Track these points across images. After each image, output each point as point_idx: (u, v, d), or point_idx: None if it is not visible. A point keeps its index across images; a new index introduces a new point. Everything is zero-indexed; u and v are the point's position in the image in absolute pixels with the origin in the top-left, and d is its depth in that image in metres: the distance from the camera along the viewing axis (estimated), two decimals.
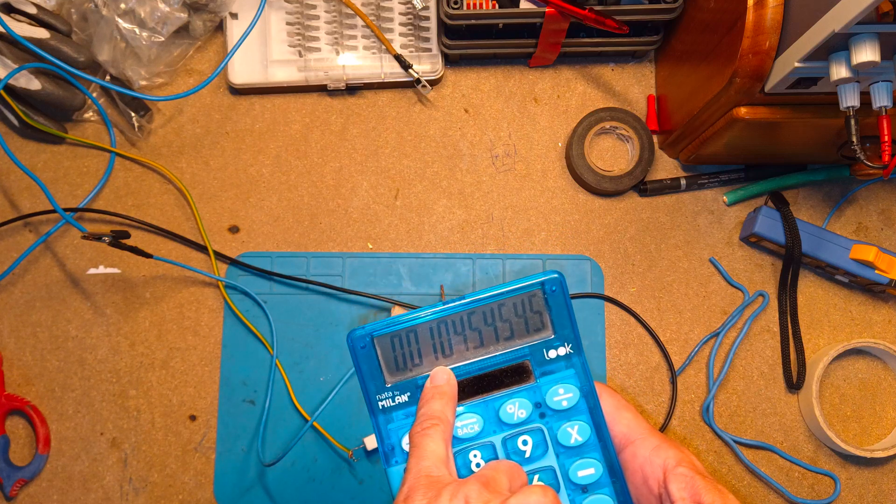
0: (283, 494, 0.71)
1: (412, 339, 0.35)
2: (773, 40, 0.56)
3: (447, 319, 0.35)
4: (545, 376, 0.36)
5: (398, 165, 0.76)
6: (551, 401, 0.36)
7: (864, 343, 0.72)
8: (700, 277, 0.75)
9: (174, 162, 0.76)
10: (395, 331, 0.35)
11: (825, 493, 0.72)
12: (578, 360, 0.36)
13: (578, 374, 0.36)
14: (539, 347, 0.36)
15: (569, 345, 0.36)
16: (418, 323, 0.35)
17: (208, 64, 0.77)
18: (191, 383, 0.72)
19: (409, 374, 0.36)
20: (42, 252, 0.74)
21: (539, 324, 0.36)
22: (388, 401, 0.35)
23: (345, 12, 0.75)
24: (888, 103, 0.53)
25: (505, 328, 0.36)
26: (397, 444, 0.35)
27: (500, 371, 0.36)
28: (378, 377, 0.35)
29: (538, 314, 0.36)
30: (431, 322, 0.35)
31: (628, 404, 0.38)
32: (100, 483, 0.71)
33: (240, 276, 0.74)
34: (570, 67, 0.78)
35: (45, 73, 0.71)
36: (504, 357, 0.36)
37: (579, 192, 0.76)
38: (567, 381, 0.36)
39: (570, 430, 0.36)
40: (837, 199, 0.76)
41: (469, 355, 0.36)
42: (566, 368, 0.36)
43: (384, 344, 0.35)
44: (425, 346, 0.35)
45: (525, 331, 0.36)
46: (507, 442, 0.35)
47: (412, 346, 0.35)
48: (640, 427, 0.37)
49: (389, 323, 0.35)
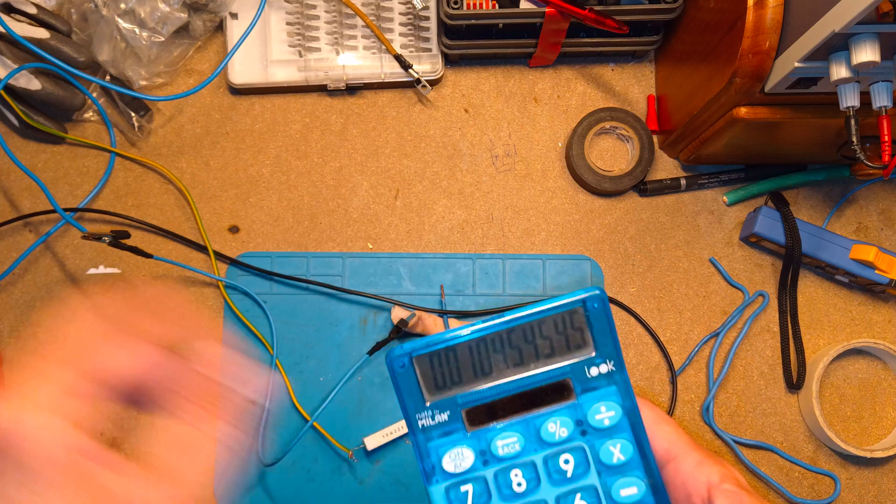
0: (283, 494, 0.71)
1: (451, 357, 0.35)
2: (773, 40, 0.56)
3: (487, 338, 0.35)
4: (586, 394, 0.35)
5: (398, 165, 0.76)
6: (593, 419, 0.35)
7: (864, 343, 0.72)
8: (700, 277, 0.75)
9: (174, 162, 0.76)
10: (435, 350, 0.35)
11: (825, 493, 0.72)
12: (621, 377, 0.35)
13: (621, 391, 0.35)
14: (580, 365, 0.35)
15: (611, 362, 0.35)
16: (458, 342, 0.35)
17: (208, 64, 0.77)
18: None
19: (449, 392, 0.35)
20: (42, 252, 0.74)
21: (580, 341, 0.35)
22: (427, 420, 0.35)
23: (345, 12, 0.75)
24: (888, 103, 0.53)
25: (545, 346, 0.35)
26: (437, 463, 0.35)
27: (540, 389, 0.35)
28: (417, 396, 0.35)
29: (579, 331, 0.35)
30: (471, 341, 0.35)
31: (668, 417, 0.37)
32: None
33: (240, 276, 0.74)
34: (570, 67, 0.78)
35: (45, 73, 0.71)
36: (545, 375, 0.35)
37: (579, 192, 0.76)
38: (609, 399, 0.35)
39: (613, 449, 0.35)
40: (837, 199, 0.76)
41: (509, 373, 0.35)
42: (608, 386, 0.35)
43: (423, 363, 0.35)
44: (465, 365, 0.35)
45: (566, 348, 0.35)
46: (549, 461, 0.35)
47: (451, 365, 0.35)
48: (681, 441, 0.36)
49: (429, 343, 0.34)
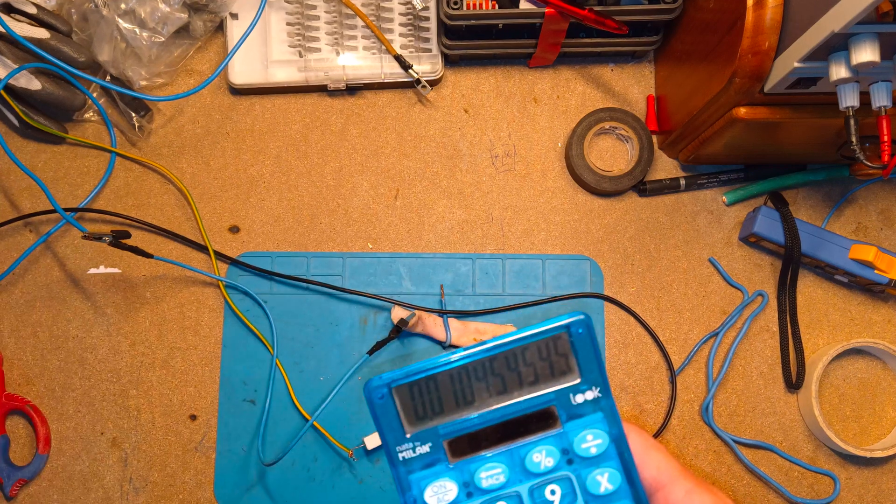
0: (284, 494, 0.71)
1: (432, 387, 0.34)
2: (773, 40, 0.56)
3: (468, 366, 0.34)
4: (572, 421, 0.35)
5: (398, 165, 0.76)
6: (579, 447, 0.34)
7: (863, 343, 0.72)
8: (699, 277, 0.75)
9: (174, 162, 0.76)
10: (415, 380, 0.34)
11: (825, 492, 0.72)
12: (607, 403, 0.34)
13: (607, 417, 0.35)
14: (565, 392, 0.34)
15: (597, 388, 0.34)
16: (438, 371, 0.34)
17: (208, 64, 0.77)
18: (191, 383, 0.73)
19: (430, 423, 0.34)
20: (42, 252, 0.74)
21: (565, 367, 0.34)
22: (408, 451, 0.34)
23: (345, 13, 0.75)
24: (888, 103, 0.53)
25: (529, 373, 0.34)
26: (419, 497, 0.34)
27: (524, 417, 0.34)
28: (397, 428, 0.34)
29: (564, 357, 0.34)
30: (452, 369, 0.34)
31: (657, 444, 0.36)
32: (100, 483, 0.71)
33: (240, 276, 0.74)
34: (570, 67, 0.78)
35: (45, 73, 0.71)
36: (529, 403, 0.34)
37: (579, 192, 0.76)
38: (595, 427, 0.34)
39: (600, 478, 0.34)
40: (837, 199, 0.76)
41: (492, 402, 0.34)
42: (594, 412, 0.34)
43: (402, 393, 0.34)
44: (446, 394, 0.34)
45: (550, 375, 0.34)
46: (535, 492, 0.34)
47: (432, 395, 0.34)
48: (670, 469, 0.35)
49: (408, 372, 0.33)
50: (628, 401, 0.73)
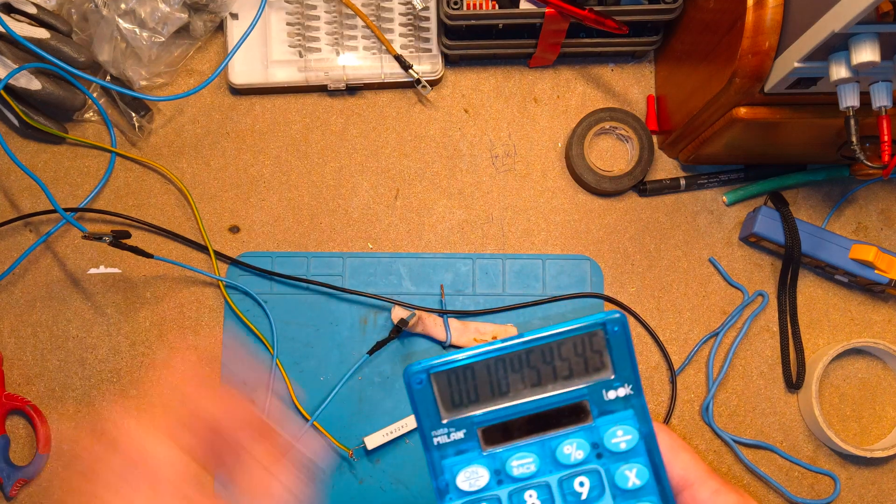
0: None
1: (469, 375, 0.35)
2: (773, 40, 0.56)
3: (505, 357, 0.35)
4: (603, 416, 0.35)
5: (398, 165, 0.76)
6: (609, 442, 0.35)
7: (863, 343, 0.72)
8: (699, 277, 0.75)
9: (174, 162, 0.76)
10: (453, 368, 0.34)
11: (825, 492, 0.72)
12: (638, 401, 0.35)
13: (638, 415, 0.35)
14: (598, 387, 0.35)
15: (629, 386, 0.35)
16: (476, 360, 0.34)
17: (209, 64, 0.77)
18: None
19: (466, 411, 0.35)
20: (42, 252, 0.74)
21: (599, 363, 0.35)
22: (443, 437, 0.35)
23: (345, 13, 0.75)
24: (888, 103, 0.53)
25: (563, 367, 0.35)
26: (451, 481, 0.35)
27: (557, 410, 0.35)
28: (434, 414, 0.35)
29: (598, 354, 0.35)
30: (489, 360, 0.35)
31: (686, 444, 0.37)
32: None
33: (240, 276, 0.74)
34: (570, 68, 0.78)
35: (45, 73, 0.71)
36: (562, 396, 0.35)
37: (579, 192, 0.76)
38: (626, 423, 0.35)
39: (628, 473, 0.35)
40: (837, 199, 0.76)
41: (526, 393, 0.35)
42: (625, 409, 0.35)
43: (441, 381, 0.35)
44: (482, 384, 0.35)
45: (584, 370, 0.35)
46: (564, 483, 0.35)
47: (469, 384, 0.35)
48: (698, 469, 0.36)
49: (446, 360, 0.34)
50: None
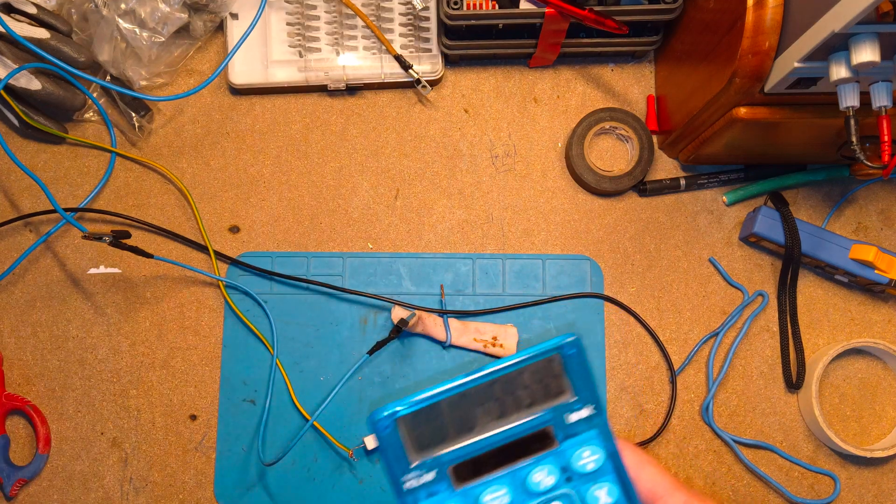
0: (284, 494, 0.71)
1: (435, 414, 0.35)
2: (773, 40, 0.56)
3: (468, 392, 0.35)
4: (569, 440, 0.36)
5: (398, 165, 0.76)
6: (577, 464, 0.36)
7: (863, 343, 0.72)
8: (699, 277, 0.75)
9: (174, 162, 0.76)
10: (418, 409, 0.35)
11: (825, 492, 0.72)
12: (600, 419, 0.36)
13: (602, 434, 0.36)
14: (561, 411, 0.36)
15: (591, 406, 0.36)
16: (441, 398, 0.35)
17: (209, 64, 0.78)
18: (191, 383, 0.73)
19: (434, 451, 0.35)
20: (42, 252, 0.74)
21: (559, 388, 0.36)
22: (413, 481, 0.35)
23: (345, 13, 0.75)
24: (888, 103, 0.53)
25: (526, 395, 0.35)
26: None
27: (523, 439, 0.36)
28: (402, 458, 0.35)
29: (557, 378, 0.35)
30: (453, 396, 0.35)
31: (650, 458, 0.38)
32: (100, 483, 0.71)
33: (240, 276, 0.74)
34: (570, 68, 0.78)
35: (45, 73, 0.71)
36: (527, 424, 0.36)
37: (579, 192, 0.76)
38: (591, 443, 0.36)
39: (599, 493, 0.36)
40: (837, 199, 0.76)
41: (492, 426, 0.35)
42: (589, 430, 0.36)
43: (407, 423, 0.35)
44: (448, 421, 0.35)
45: (545, 396, 0.36)
46: None
47: (435, 423, 0.35)
48: (665, 482, 0.37)
49: (411, 403, 0.35)
50: (628, 401, 0.73)
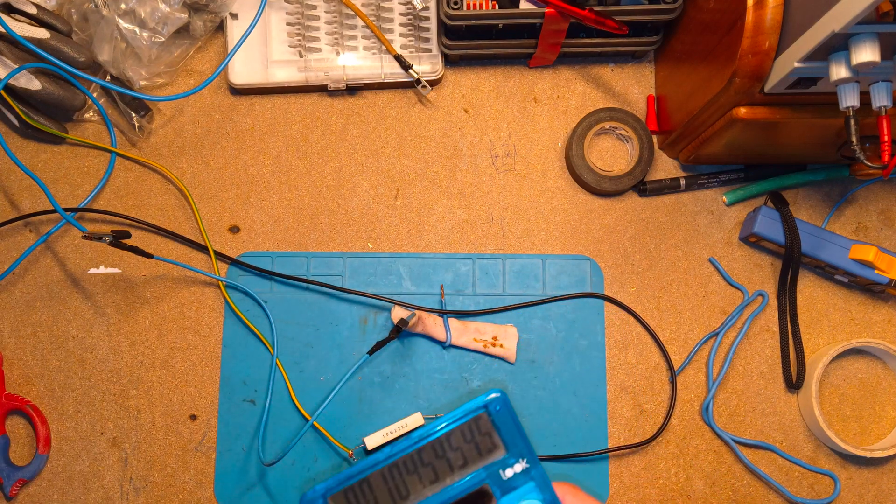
0: (284, 494, 0.71)
1: (367, 489, 0.35)
2: (773, 40, 0.56)
3: (398, 462, 0.35)
4: (507, 495, 0.36)
5: (398, 165, 0.76)
6: None
7: (863, 343, 0.72)
8: (699, 277, 0.75)
9: (175, 162, 0.76)
10: (349, 486, 0.35)
11: (825, 492, 0.72)
12: (537, 471, 0.36)
13: (539, 485, 0.36)
14: (495, 468, 0.36)
15: (524, 459, 0.36)
16: (371, 472, 0.35)
17: (209, 64, 0.78)
18: (191, 383, 0.73)
19: None
20: (42, 252, 0.74)
21: (490, 445, 0.36)
22: None
23: (345, 13, 0.75)
24: (888, 103, 0.53)
25: (457, 457, 0.35)
26: None
27: (462, 500, 0.36)
28: None
29: (487, 436, 0.36)
30: (383, 468, 0.35)
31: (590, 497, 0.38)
32: (100, 483, 0.71)
33: (240, 276, 0.74)
34: (570, 68, 0.78)
35: (45, 73, 0.71)
36: (462, 485, 0.35)
37: (579, 192, 0.76)
38: (529, 497, 0.36)
39: None
40: (837, 199, 0.76)
41: (427, 491, 0.35)
42: (526, 482, 0.36)
43: (339, 501, 0.35)
44: (381, 494, 0.35)
45: (478, 454, 0.36)
46: None
47: (368, 497, 0.35)
48: None
49: (340, 480, 0.35)
50: (628, 401, 0.73)
